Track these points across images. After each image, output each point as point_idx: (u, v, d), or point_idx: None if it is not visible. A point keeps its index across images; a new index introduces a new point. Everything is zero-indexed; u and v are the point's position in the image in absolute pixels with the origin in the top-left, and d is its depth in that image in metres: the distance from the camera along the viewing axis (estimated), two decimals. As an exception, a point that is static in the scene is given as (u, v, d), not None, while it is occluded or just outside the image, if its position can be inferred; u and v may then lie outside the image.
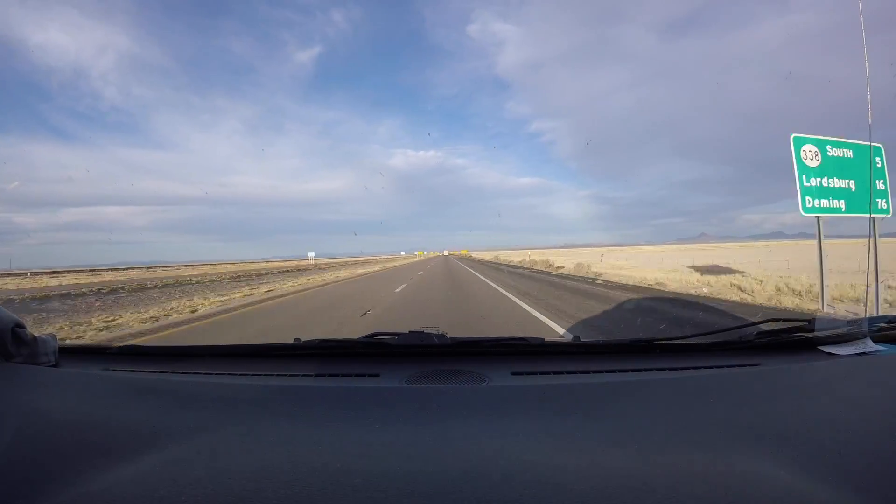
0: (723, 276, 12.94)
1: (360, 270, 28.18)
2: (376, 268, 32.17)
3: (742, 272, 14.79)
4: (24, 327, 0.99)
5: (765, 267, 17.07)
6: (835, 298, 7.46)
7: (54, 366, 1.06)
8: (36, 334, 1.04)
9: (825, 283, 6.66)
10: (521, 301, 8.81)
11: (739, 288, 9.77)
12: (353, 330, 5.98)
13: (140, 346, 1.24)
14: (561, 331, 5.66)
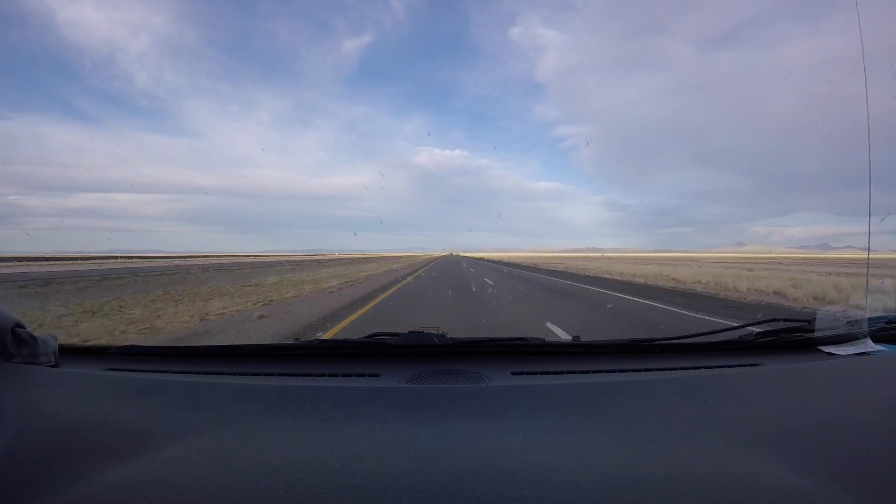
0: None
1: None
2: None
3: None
4: (23, 327, 0.99)
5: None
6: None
7: (54, 366, 1.06)
8: (36, 334, 1.03)
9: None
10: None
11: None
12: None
13: (140, 347, 1.24)
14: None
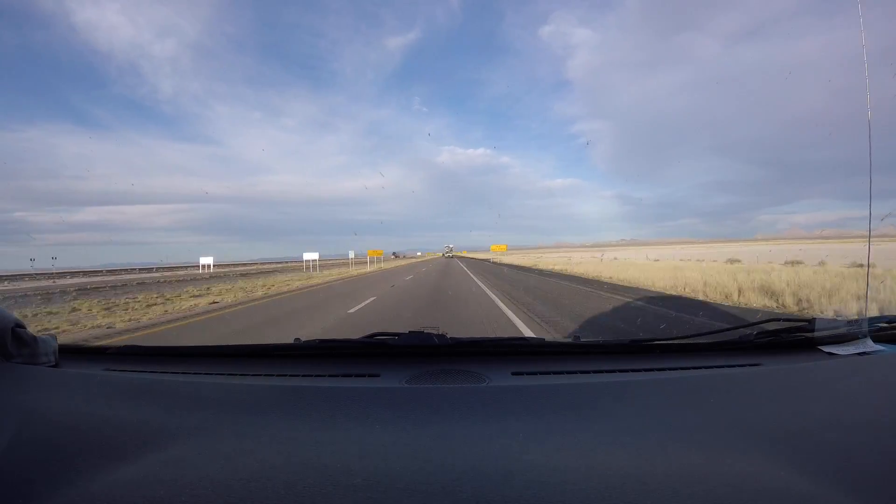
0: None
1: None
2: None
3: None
4: (24, 327, 0.99)
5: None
6: None
7: (54, 366, 1.06)
8: (36, 334, 1.03)
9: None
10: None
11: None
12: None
13: (140, 347, 1.24)
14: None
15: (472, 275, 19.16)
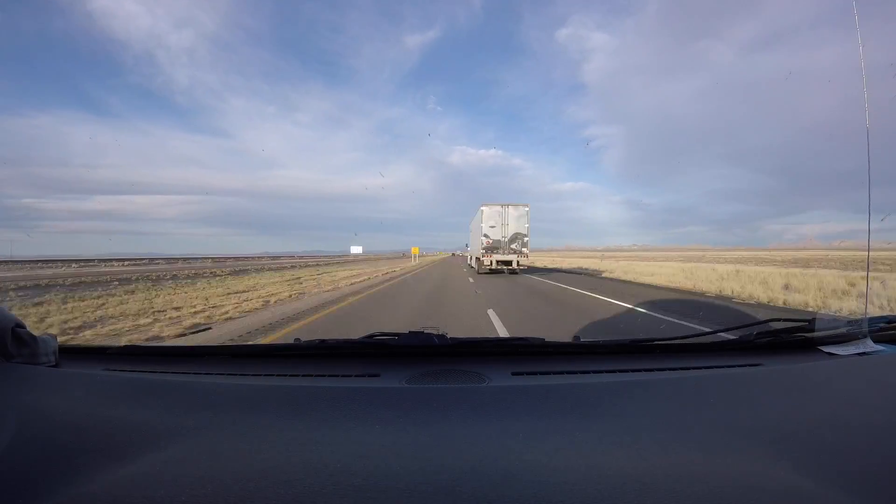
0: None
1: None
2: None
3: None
4: (24, 327, 0.99)
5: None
6: None
7: (54, 366, 1.06)
8: (36, 334, 1.04)
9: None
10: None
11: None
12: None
13: (140, 346, 1.24)
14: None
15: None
